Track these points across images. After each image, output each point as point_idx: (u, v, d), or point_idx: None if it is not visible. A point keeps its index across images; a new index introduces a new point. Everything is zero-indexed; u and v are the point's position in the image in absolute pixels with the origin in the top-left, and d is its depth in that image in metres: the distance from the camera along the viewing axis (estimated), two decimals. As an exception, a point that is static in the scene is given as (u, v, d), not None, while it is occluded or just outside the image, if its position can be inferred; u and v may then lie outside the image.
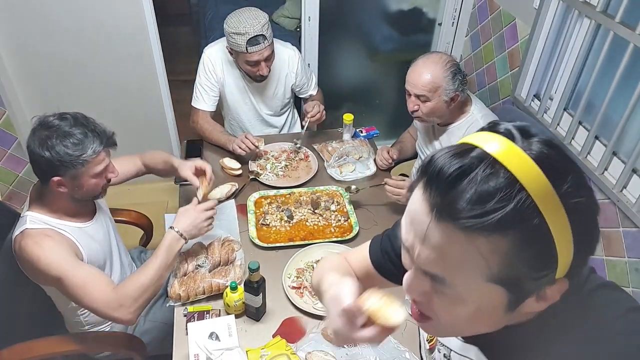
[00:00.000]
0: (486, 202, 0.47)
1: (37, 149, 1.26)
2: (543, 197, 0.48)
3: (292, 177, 2.02)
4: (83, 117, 1.34)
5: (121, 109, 2.78)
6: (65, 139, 1.27)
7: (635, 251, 1.68)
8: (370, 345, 0.81)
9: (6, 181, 2.80)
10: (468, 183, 0.48)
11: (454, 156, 0.50)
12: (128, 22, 2.49)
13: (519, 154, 0.49)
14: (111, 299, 1.31)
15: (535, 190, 0.47)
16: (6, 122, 2.57)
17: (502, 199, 0.47)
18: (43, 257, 1.30)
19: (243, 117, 2.28)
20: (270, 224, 1.77)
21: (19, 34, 2.44)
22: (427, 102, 1.72)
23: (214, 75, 2.12)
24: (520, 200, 0.47)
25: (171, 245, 1.44)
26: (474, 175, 0.48)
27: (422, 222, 0.52)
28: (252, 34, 1.87)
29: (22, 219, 1.37)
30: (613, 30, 1.73)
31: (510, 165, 0.48)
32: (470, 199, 0.47)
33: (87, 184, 1.37)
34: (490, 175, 0.48)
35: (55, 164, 1.28)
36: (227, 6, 4.20)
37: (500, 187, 0.47)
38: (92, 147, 1.31)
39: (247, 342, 1.38)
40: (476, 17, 2.76)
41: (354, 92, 3.20)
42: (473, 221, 0.47)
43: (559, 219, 0.48)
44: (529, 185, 0.47)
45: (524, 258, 0.49)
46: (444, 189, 0.49)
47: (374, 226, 1.78)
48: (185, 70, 4.20)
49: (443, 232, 0.49)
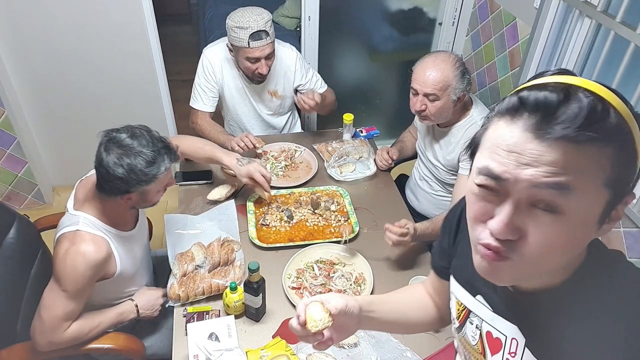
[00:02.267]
0: (593, 116, 0.55)
1: (112, 166, 1.27)
2: (626, 113, 0.58)
3: (292, 177, 2.02)
4: (149, 132, 1.35)
5: (121, 108, 2.78)
6: (140, 158, 1.29)
7: (636, 251, 1.68)
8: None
9: (5, 181, 2.80)
10: (575, 102, 0.56)
11: (548, 89, 0.58)
12: (128, 22, 2.49)
13: (596, 84, 0.59)
14: (50, 331, 1.35)
15: (619, 106, 0.58)
16: (5, 122, 2.57)
17: (603, 113, 0.56)
18: (70, 266, 1.30)
19: (243, 118, 2.28)
20: (270, 224, 1.77)
21: (19, 34, 2.43)
22: (436, 102, 1.69)
23: (213, 76, 2.12)
24: (615, 115, 0.57)
25: (124, 314, 1.51)
26: (578, 97, 0.56)
27: (530, 148, 0.57)
28: (255, 29, 1.87)
29: (74, 218, 1.37)
30: (614, 30, 1.73)
31: (597, 90, 0.58)
32: (579, 115, 0.55)
33: (152, 197, 1.41)
34: (589, 97, 0.56)
35: (130, 183, 1.30)
36: (227, 6, 4.20)
37: (598, 105, 0.56)
38: (163, 165, 1.34)
39: (246, 342, 1.38)
40: (477, 17, 2.76)
41: (354, 91, 3.20)
42: (586, 134, 0.55)
43: (636, 129, 0.59)
44: (613, 103, 0.57)
45: (625, 162, 0.58)
46: (553, 112, 0.56)
47: (374, 226, 1.78)
48: (185, 70, 4.19)
49: (559, 149, 0.56)
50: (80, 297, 1.36)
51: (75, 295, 1.35)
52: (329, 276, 1.55)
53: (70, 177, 3.07)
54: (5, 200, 2.80)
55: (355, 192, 1.94)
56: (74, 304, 1.36)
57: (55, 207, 2.96)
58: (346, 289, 1.51)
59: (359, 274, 1.57)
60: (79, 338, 1.41)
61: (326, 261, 1.61)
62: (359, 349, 1.31)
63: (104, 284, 1.43)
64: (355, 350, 1.30)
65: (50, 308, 1.35)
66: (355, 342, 1.32)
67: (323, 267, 1.58)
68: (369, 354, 1.29)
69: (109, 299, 1.53)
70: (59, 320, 1.35)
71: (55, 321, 1.35)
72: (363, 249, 1.66)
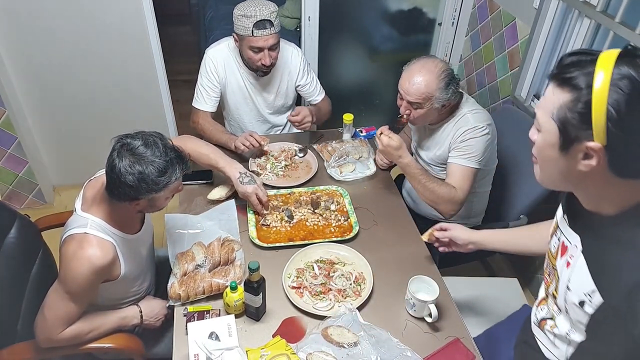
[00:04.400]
0: (570, 67, 0.82)
1: (124, 173, 1.27)
2: (598, 80, 0.78)
3: (292, 177, 2.02)
4: (162, 140, 1.34)
5: (121, 108, 2.79)
6: (152, 167, 1.28)
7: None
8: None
9: (6, 181, 2.80)
10: (576, 56, 0.84)
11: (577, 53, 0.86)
12: (128, 22, 2.50)
13: (610, 58, 0.80)
14: (50, 329, 1.36)
15: (600, 68, 0.79)
16: (6, 122, 2.57)
17: (580, 69, 0.81)
18: (76, 269, 1.31)
19: (244, 118, 2.28)
20: (271, 224, 1.77)
21: (19, 34, 2.44)
22: (419, 109, 1.73)
23: (215, 75, 2.12)
24: (585, 75, 0.80)
25: (127, 318, 1.52)
26: (581, 57, 0.82)
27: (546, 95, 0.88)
28: (260, 18, 1.89)
29: (82, 220, 1.37)
30: (613, 30, 1.73)
31: (602, 59, 0.80)
32: (566, 64, 0.83)
33: (160, 203, 1.42)
34: (586, 60, 0.81)
35: (140, 190, 1.30)
36: (227, 6, 4.21)
37: (583, 62, 0.82)
38: (175, 175, 1.34)
39: (247, 342, 1.38)
40: (476, 17, 2.76)
41: (354, 91, 3.20)
42: (557, 77, 0.84)
43: (600, 96, 0.77)
44: (598, 67, 0.79)
45: (573, 111, 0.81)
46: (557, 65, 0.86)
47: (374, 226, 1.78)
48: (185, 70, 4.20)
49: (548, 88, 0.87)
50: (82, 299, 1.38)
51: (78, 298, 1.36)
52: (329, 275, 1.55)
53: (70, 177, 3.08)
54: (6, 200, 2.80)
55: (355, 192, 1.95)
56: (76, 306, 1.37)
57: (56, 207, 2.97)
58: (346, 289, 1.52)
59: (359, 273, 1.58)
60: (78, 338, 1.42)
61: (326, 261, 1.61)
62: (359, 349, 1.31)
63: (107, 286, 1.43)
64: (355, 350, 1.31)
65: (52, 307, 1.36)
66: (355, 342, 1.32)
67: (323, 266, 1.59)
68: (369, 354, 1.29)
69: (112, 299, 1.53)
70: (60, 320, 1.36)
71: (56, 320, 1.36)
72: (363, 249, 1.67)
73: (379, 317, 1.46)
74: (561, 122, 0.83)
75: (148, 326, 1.57)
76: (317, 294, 1.50)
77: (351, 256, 1.64)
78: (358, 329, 1.36)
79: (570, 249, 1.00)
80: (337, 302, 1.48)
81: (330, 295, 1.50)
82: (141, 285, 1.59)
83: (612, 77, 0.77)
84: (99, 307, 1.50)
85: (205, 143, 1.83)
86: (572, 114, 0.81)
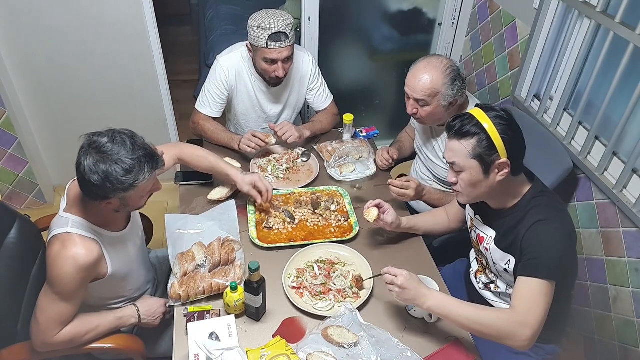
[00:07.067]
0: (461, 126, 1.29)
1: (87, 172, 1.24)
2: (485, 125, 1.27)
3: (293, 180, 2.02)
4: (132, 138, 1.29)
5: (121, 108, 2.78)
6: (117, 166, 1.24)
7: (635, 251, 1.68)
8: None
9: (6, 181, 2.80)
10: (457, 120, 1.31)
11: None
12: (128, 22, 2.50)
13: (480, 112, 1.29)
14: (45, 332, 1.36)
15: (482, 121, 1.27)
16: (6, 122, 2.58)
17: (470, 124, 1.28)
18: (61, 268, 1.30)
19: (251, 124, 2.27)
20: (274, 227, 1.77)
21: (19, 34, 2.44)
22: (426, 107, 1.72)
23: (225, 84, 2.11)
24: (474, 125, 1.27)
25: (124, 318, 1.51)
26: (463, 119, 1.30)
27: (449, 144, 1.33)
28: (275, 30, 1.88)
29: (64, 220, 1.36)
30: (613, 30, 1.73)
31: (475, 114, 1.29)
32: (457, 127, 1.30)
33: (134, 202, 1.38)
34: (466, 118, 1.30)
35: (106, 190, 1.26)
36: (227, 6, 4.22)
37: (465, 120, 1.29)
38: (143, 174, 1.28)
39: (247, 342, 1.38)
40: (476, 18, 2.76)
41: (354, 92, 3.20)
42: (459, 134, 1.30)
43: (493, 131, 1.25)
44: (479, 118, 1.27)
45: (482, 146, 1.26)
46: (450, 126, 1.33)
47: (374, 226, 1.78)
48: (185, 70, 4.21)
49: (452, 144, 1.32)
50: (72, 299, 1.36)
51: (68, 298, 1.34)
52: (329, 276, 1.56)
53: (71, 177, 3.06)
54: (6, 200, 2.81)
55: (355, 192, 1.95)
56: (67, 307, 1.36)
57: (57, 207, 2.92)
58: (345, 289, 1.52)
59: (359, 273, 1.58)
60: (75, 339, 1.41)
61: (326, 261, 1.61)
62: (359, 349, 1.31)
63: (97, 285, 1.43)
64: (355, 350, 1.31)
65: (44, 310, 1.35)
66: (356, 342, 1.32)
67: (323, 266, 1.59)
68: (369, 354, 1.30)
69: (103, 299, 1.53)
70: (53, 322, 1.35)
71: (49, 323, 1.35)
72: (363, 249, 1.67)
73: (379, 317, 1.46)
74: (478, 157, 1.27)
75: (147, 325, 1.57)
76: (317, 294, 1.50)
77: (351, 256, 1.64)
78: (358, 329, 1.36)
79: (486, 239, 1.44)
80: (337, 303, 1.48)
81: (330, 295, 1.50)
82: (133, 284, 1.58)
83: (492, 120, 1.25)
84: (93, 308, 1.49)
85: (203, 149, 1.83)
86: (482, 148, 1.26)
